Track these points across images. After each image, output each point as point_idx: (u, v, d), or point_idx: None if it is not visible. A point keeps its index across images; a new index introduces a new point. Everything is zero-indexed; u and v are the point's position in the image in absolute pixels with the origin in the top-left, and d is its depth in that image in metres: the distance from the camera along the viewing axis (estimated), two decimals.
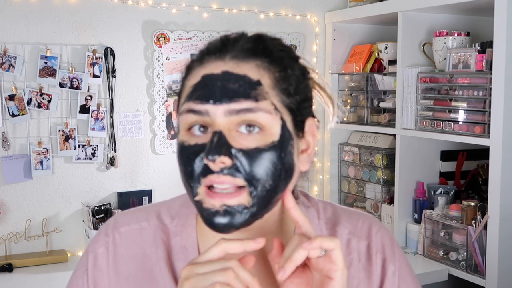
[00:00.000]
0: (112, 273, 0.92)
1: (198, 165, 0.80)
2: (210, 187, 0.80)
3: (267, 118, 0.79)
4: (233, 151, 0.78)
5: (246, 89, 0.79)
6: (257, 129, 0.79)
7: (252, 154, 0.78)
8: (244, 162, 0.78)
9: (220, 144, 0.77)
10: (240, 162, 0.78)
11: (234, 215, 0.79)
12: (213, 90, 0.79)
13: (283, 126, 0.81)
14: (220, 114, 0.78)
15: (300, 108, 0.84)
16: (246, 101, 0.79)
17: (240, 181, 0.78)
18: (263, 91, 0.80)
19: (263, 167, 0.79)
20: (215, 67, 0.81)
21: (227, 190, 0.79)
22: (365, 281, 0.92)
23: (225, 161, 0.77)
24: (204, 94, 0.80)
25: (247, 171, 0.78)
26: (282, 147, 0.80)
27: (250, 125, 0.79)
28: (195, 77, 0.82)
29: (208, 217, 0.80)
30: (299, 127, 0.85)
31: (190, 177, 0.81)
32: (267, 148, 0.79)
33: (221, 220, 0.79)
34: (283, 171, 0.81)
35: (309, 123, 0.87)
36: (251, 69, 0.81)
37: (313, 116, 0.88)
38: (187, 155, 0.81)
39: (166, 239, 0.92)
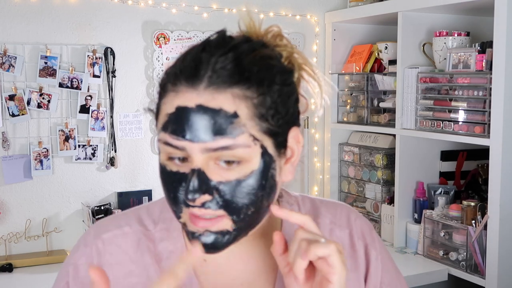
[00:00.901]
0: None
1: (180, 193, 0.79)
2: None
3: (246, 151, 0.76)
4: (213, 183, 0.76)
5: (222, 125, 0.75)
6: (236, 163, 0.77)
7: (232, 186, 0.77)
8: (224, 194, 0.77)
9: (199, 182, 0.76)
10: (219, 195, 0.77)
11: (217, 238, 0.79)
12: (188, 126, 0.76)
13: (263, 153, 0.78)
14: (197, 152, 0.76)
15: (282, 125, 0.80)
16: (223, 138, 0.75)
17: (221, 212, 0.78)
18: (240, 124, 0.75)
19: (244, 196, 0.78)
20: (189, 99, 0.76)
21: (209, 216, 0.78)
22: (353, 268, 0.93)
23: (206, 198, 0.76)
24: (179, 129, 0.76)
25: (228, 202, 0.77)
26: (263, 174, 0.79)
27: (228, 160, 0.77)
28: (170, 105, 0.78)
29: (193, 238, 0.80)
30: (282, 144, 0.81)
31: (173, 203, 0.80)
32: (247, 178, 0.77)
33: (207, 240, 0.79)
34: (265, 195, 0.80)
35: (293, 133, 0.82)
36: (226, 101, 0.75)
37: (298, 125, 0.84)
38: (169, 181, 0.80)
39: (152, 245, 0.91)
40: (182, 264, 0.70)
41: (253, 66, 0.77)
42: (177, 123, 0.76)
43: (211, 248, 0.79)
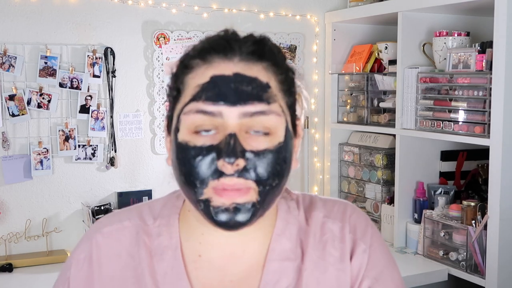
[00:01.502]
0: (96, 276, 0.92)
1: (207, 167, 0.80)
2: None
3: (276, 120, 0.82)
4: (245, 151, 0.79)
5: (259, 92, 0.81)
6: (265, 131, 0.81)
7: (261, 156, 0.80)
8: (254, 163, 0.80)
9: (235, 146, 0.78)
10: (250, 164, 0.80)
11: (243, 212, 0.81)
12: (226, 91, 0.79)
13: (286, 127, 0.84)
14: (234, 116, 0.79)
15: (295, 109, 0.88)
16: (260, 103, 0.80)
17: (251, 183, 0.80)
18: (272, 93, 0.82)
19: (271, 167, 0.81)
20: (225, 68, 0.81)
21: (239, 186, 0.80)
22: (339, 259, 0.93)
23: (240, 163, 0.79)
24: (216, 95, 0.79)
25: (257, 172, 0.80)
26: (287, 148, 0.83)
27: (257, 131, 0.81)
28: (201, 77, 0.82)
29: (216, 215, 0.81)
30: (294, 127, 0.87)
31: (195, 178, 0.80)
32: (275, 149, 0.81)
33: (232, 217, 0.80)
34: (286, 170, 0.84)
35: (298, 122, 0.89)
36: (260, 72, 0.82)
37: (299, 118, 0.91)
38: (193, 155, 0.80)
39: (148, 240, 0.93)
40: None
41: (274, 49, 0.86)
42: (213, 90, 0.80)
43: (237, 223, 0.81)
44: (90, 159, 2.46)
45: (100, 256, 0.93)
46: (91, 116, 2.43)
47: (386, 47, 2.59)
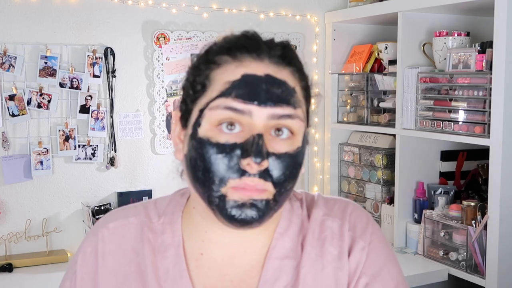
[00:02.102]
0: (101, 270, 0.93)
1: (228, 165, 0.80)
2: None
3: (300, 125, 0.83)
4: (269, 153, 0.80)
5: (287, 95, 0.82)
6: (287, 134, 0.82)
7: (282, 159, 0.81)
8: (275, 165, 0.81)
9: (262, 147, 0.79)
10: (271, 166, 0.81)
11: (259, 209, 0.81)
12: (258, 91, 0.80)
13: (304, 133, 0.86)
14: (263, 117, 0.80)
15: (309, 115, 0.90)
16: (288, 107, 0.82)
17: (269, 184, 0.81)
18: (298, 99, 0.84)
19: (289, 171, 0.82)
20: (256, 68, 0.82)
21: (259, 187, 0.80)
22: (337, 257, 0.93)
23: (265, 164, 0.79)
24: (248, 93, 0.80)
25: (277, 174, 0.81)
26: (303, 153, 0.85)
27: (279, 129, 0.82)
28: (232, 74, 0.82)
29: (231, 210, 0.81)
30: (307, 133, 0.89)
31: (215, 175, 0.80)
32: (294, 153, 0.83)
33: (248, 213, 0.81)
34: (298, 174, 0.86)
35: (309, 131, 0.91)
36: (288, 76, 0.84)
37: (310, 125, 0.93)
38: (215, 152, 0.80)
39: (152, 237, 0.93)
40: None
41: (296, 55, 0.88)
42: (244, 89, 0.81)
43: (253, 219, 0.81)
44: (90, 159, 2.46)
45: (105, 251, 0.93)
46: (91, 116, 2.43)
47: (386, 47, 2.59)
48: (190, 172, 0.85)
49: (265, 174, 0.80)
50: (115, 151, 2.50)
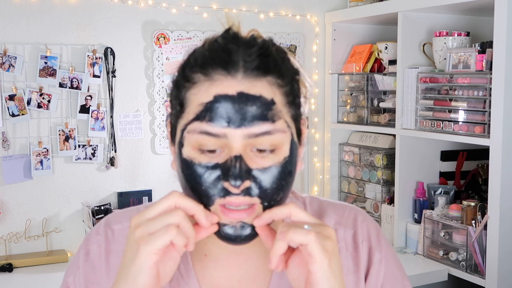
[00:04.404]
0: (104, 268, 0.93)
1: (213, 186, 0.79)
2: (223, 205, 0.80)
3: (281, 137, 0.80)
4: (251, 171, 0.78)
5: (263, 111, 0.78)
6: (268, 151, 0.80)
7: (267, 173, 0.79)
8: (259, 180, 0.79)
9: (242, 169, 0.77)
10: (255, 182, 0.79)
11: (249, 228, 0.80)
12: (230, 113, 0.77)
13: (292, 141, 0.82)
14: (239, 138, 0.77)
15: (300, 112, 0.85)
16: (264, 123, 0.78)
17: (255, 199, 0.79)
18: (277, 110, 0.79)
19: (276, 183, 0.80)
20: (228, 87, 0.78)
21: (242, 207, 0.79)
22: (353, 269, 0.93)
23: (246, 184, 0.78)
24: (220, 116, 0.77)
25: (262, 188, 0.79)
26: (292, 161, 0.82)
27: (261, 149, 0.79)
28: (205, 95, 0.79)
29: (224, 231, 0.80)
30: (299, 132, 0.85)
31: (202, 195, 0.80)
32: (280, 165, 0.80)
33: (240, 232, 0.80)
34: (290, 182, 0.83)
35: (302, 121, 0.87)
36: (264, 88, 0.79)
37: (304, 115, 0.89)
38: (199, 174, 0.79)
39: None
40: (188, 203, 0.78)
41: (278, 57, 0.82)
42: (217, 111, 0.78)
43: (247, 237, 0.80)
44: (90, 159, 2.46)
45: (110, 250, 0.94)
46: (91, 116, 2.43)
47: (386, 47, 2.59)
48: (182, 187, 0.85)
49: (249, 191, 0.78)
50: (115, 151, 2.50)
